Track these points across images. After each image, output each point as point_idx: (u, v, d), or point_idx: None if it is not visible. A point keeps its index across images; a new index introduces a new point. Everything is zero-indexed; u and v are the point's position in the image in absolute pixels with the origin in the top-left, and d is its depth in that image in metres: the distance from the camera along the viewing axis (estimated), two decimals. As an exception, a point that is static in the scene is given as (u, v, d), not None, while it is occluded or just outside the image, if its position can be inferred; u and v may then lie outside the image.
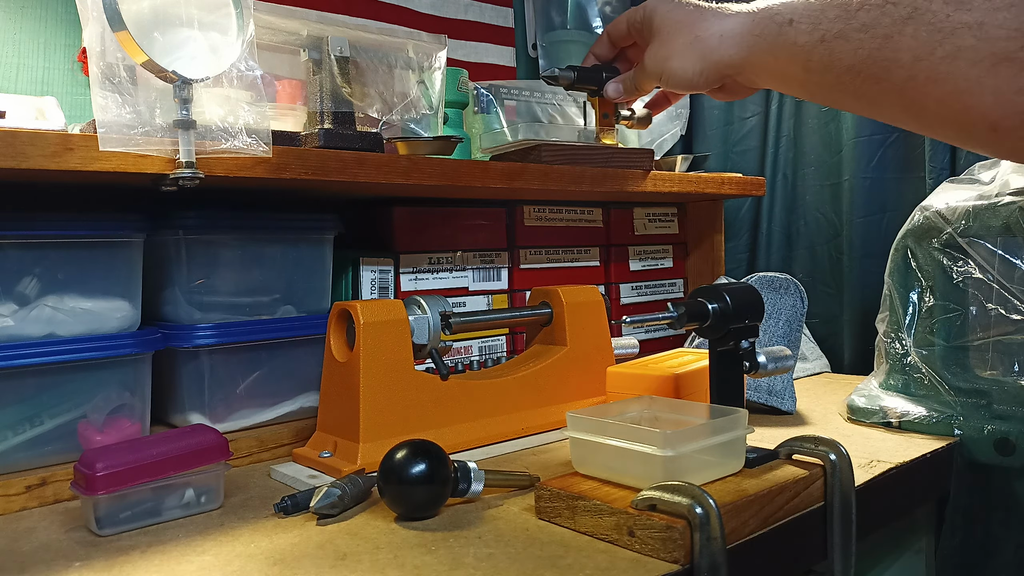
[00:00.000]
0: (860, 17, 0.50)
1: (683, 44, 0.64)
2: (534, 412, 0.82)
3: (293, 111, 0.84)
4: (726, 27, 0.61)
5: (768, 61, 0.58)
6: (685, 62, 0.64)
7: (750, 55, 0.60)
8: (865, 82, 0.51)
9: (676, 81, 0.65)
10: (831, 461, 0.60)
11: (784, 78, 0.58)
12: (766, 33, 0.58)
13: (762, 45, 0.58)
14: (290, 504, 0.61)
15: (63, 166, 0.60)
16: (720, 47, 0.61)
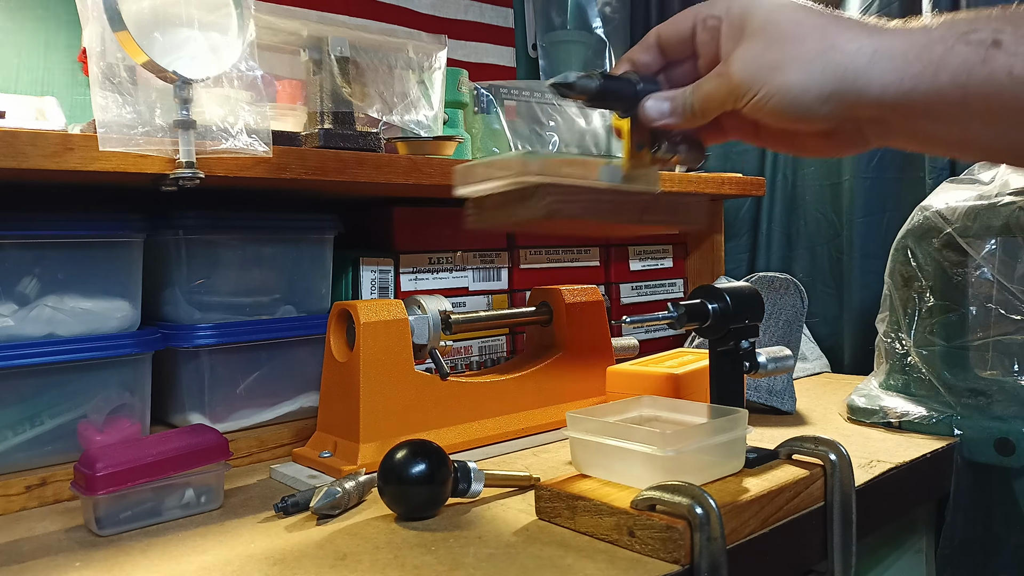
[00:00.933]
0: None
1: (808, 52, 0.44)
2: (534, 412, 0.82)
3: (293, 111, 0.84)
4: (883, 43, 0.42)
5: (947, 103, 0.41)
6: (806, 76, 0.44)
7: (917, 89, 0.41)
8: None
9: (781, 103, 0.45)
10: (831, 461, 0.60)
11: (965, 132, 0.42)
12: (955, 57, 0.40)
13: (945, 75, 0.40)
14: (290, 504, 0.61)
15: (63, 166, 0.60)
16: (870, 69, 0.42)
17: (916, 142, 0.46)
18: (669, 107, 0.52)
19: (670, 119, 0.52)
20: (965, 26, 0.40)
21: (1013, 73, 0.38)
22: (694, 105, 0.50)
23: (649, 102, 0.52)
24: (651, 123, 0.52)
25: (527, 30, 1.53)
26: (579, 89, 0.52)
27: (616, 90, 0.53)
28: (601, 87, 0.52)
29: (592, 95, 0.52)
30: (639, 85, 0.53)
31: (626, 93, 0.53)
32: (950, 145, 0.45)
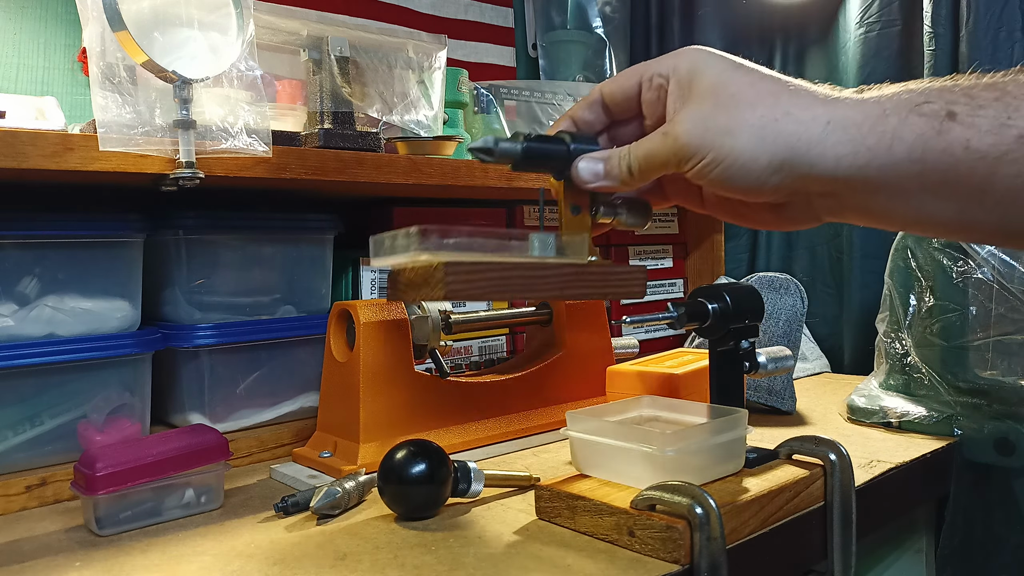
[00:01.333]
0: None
1: (760, 118, 0.42)
2: (534, 412, 0.82)
3: (293, 111, 0.84)
4: (837, 113, 0.41)
5: (903, 178, 0.39)
6: (757, 144, 0.41)
7: (872, 164, 0.39)
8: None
9: (728, 170, 0.42)
10: (831, 461, 0.60)
11: (922, 209, 0.40)
12: (909, 130, 0.38)
13: (900, 148, 0.38)
14: (290, 504, 0.61)
15: (63, 166, 0.60)
16: (824, 139, 0.40)
17: (871, 218, 0.44)
18: (603, 168, 0.48)
19: (604, 181, 0.48)
20: (919, 97, 0.39)
21: (969, 146, 0.37)
22: (632, 166, 0.47)
23: (582, 163, 0.48)
24: (584, 186, 0.48)
25: (527, 30, 1.53)
26: (501, 154, 0.47)
27: (545, 152, 0.49)
28: (527, 150, 0.47)
29: (518, 160, 0.48)
30: (571, 145, 0.49)
31: (557, 154, 0.49)
32: (907, 222, 0.43)
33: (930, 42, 1.09)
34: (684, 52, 0.47)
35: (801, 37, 1.34)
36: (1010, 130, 0.36)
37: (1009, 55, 1.03)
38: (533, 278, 0.47)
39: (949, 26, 1.08)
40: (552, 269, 0.48)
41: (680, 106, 0.45)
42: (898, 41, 1.17)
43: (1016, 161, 0.36)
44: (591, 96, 0.51)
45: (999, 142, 0.37)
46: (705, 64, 0.45)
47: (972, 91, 0.38)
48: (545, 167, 0.50)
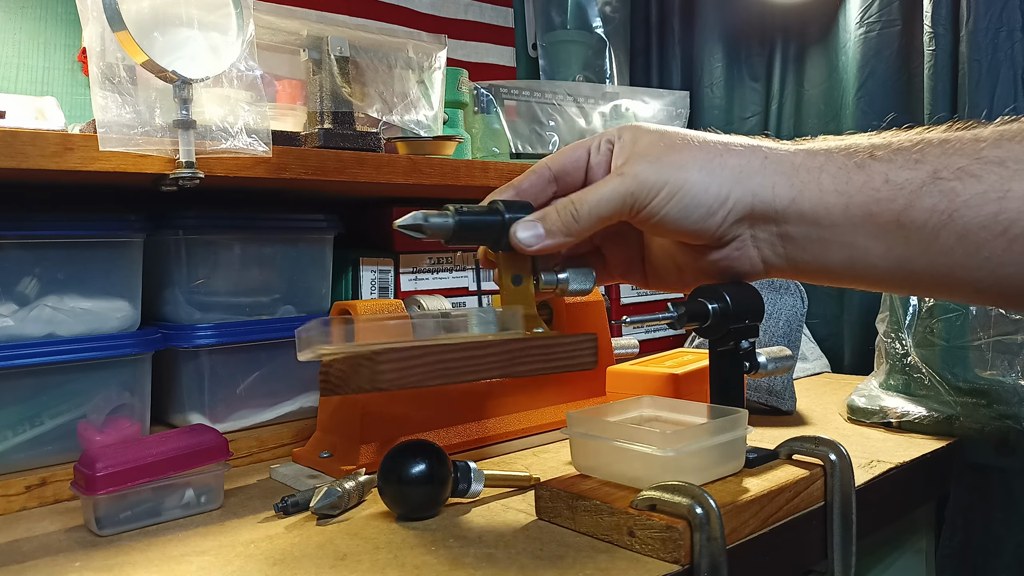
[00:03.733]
0: (991, 152, 0.38)
1: (707, 155, 0.45)
2: (534, 412, 0.82)
3: (293, 111, 0.84)
4: (771, 154, 0.45)
5: (832, 211, 0.42)
6: (707, 176, 0.44)
7: (803, 195, 0.43)
8: (1013, 243, 0.38)
9: (681, 202, 0.44)
10: (831, 461, 0.60)
11: (853, 248, 0.43)
12: (835, 165, 0.43)
13: (827, 180, 0.43)
14: (290, 504, 0.61)
15: (63, 166, 0.60)
16: (764, 170, 0.45)
17: (809, 263, 0.45)
18: (543, 227, 0.46)
19: (547, 241, 0.46)
20: (844, 144, 0.44)
21: (888, 179, 0.41)
22: (577, 212, 0.45)
23: (519, 227, 0.46)
24: (525, 250, 0.46)
25: (527, 30, 1.53)
26: (433, 230, 0.45)
27: (479, 224, 0.46)
28: (460, 224, 0.46)
29: (450, 234, 0.46)
30: (506, 214, 0.47)
31: (491, 224, 0.47)
32: (844, 269, 0.44)
33: (930, 42, 1.09)
34: (623, 126, 0.50)
35: (801, 37, 1.34)
36: (924, 166, 0.40)
37: (1009, 55, 1.03)
38: (475, 359, 0.44)
39: (949, 26, 1.08)
40: (495, 347, 0.44)
41: (627, 159, 0.47)
42: (898, 41, 1.17)
43: (931, 194, 0.40)
44: (536, 169, 0.51)
45: (914, 177, 0.40)
46: (644, 128, 0.49)
47: (892, 139, 0.43)
48: (481, 239, 0.48)
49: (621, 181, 0.45)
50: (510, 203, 0.48)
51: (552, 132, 1.14)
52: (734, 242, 0.47)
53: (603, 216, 0.45)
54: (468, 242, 0.48)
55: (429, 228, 0.45)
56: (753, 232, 0.47)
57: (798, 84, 1.34)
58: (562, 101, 1.15)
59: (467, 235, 0.46)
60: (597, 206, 0.45)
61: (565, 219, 0.46)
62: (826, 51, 1.30)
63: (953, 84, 1.09)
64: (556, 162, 0.50)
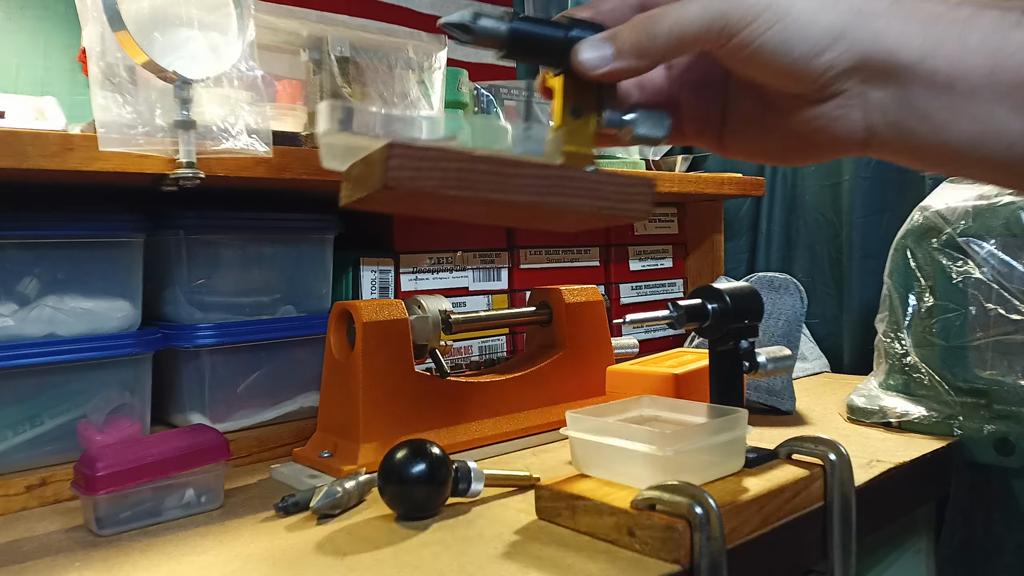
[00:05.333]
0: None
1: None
2: (534, 412, 0.82)
3: (293, 111, 0.84)
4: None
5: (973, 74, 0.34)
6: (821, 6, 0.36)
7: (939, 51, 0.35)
8: None
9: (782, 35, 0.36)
10: (831, 461, 0.60)
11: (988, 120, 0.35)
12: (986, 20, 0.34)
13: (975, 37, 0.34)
14: (290, 504, 0.61)
15: (63, 166, 0.60)
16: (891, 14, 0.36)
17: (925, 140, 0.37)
18: (613, 48, 0.39)
19: (616, 63, 0.38)
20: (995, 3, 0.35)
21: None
22: (654, 31, 0.37)
23: (585, 45, 0.39)
24: (590, 73, 0.39)
25: (527, 30, 1.53)
26: (482, 34, 0.38)
27: (538, 35, 0.39)
28: (515, 32, 0.38)
29: (503, 41, 0.38)
30: (572, 30, 0.40)
31: (551, 39, 0.39)
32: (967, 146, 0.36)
33: (930, 42, 1.08)
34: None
35: (801, 37, 1.33)
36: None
37: (1009, 55, 1.03)
38: (505, 176, 0.37)
39: (949, 26, 1.08)
40: (532, 168, 0.38)
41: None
42: (898, 41, 1.17)
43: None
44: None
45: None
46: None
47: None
48: (538, 55, 0.40)
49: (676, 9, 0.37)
50: (577, 19, 0.40)
51: (552, 132, 1.14)
52: (838, 98, 0.38)
53: (685, 38, 0.37)
54: (523, 58, 0.40)
55: (478, 31, 0.38)
56: (864, 88, 0.37)
57: (798, 84, 1.34)
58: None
59: (522, 48, 0.39)
60: (679, 24, 0.37)
61: (639, 37, 0.38)
62: (826, 51, 1.30)
63: (953, 84, 1.09)
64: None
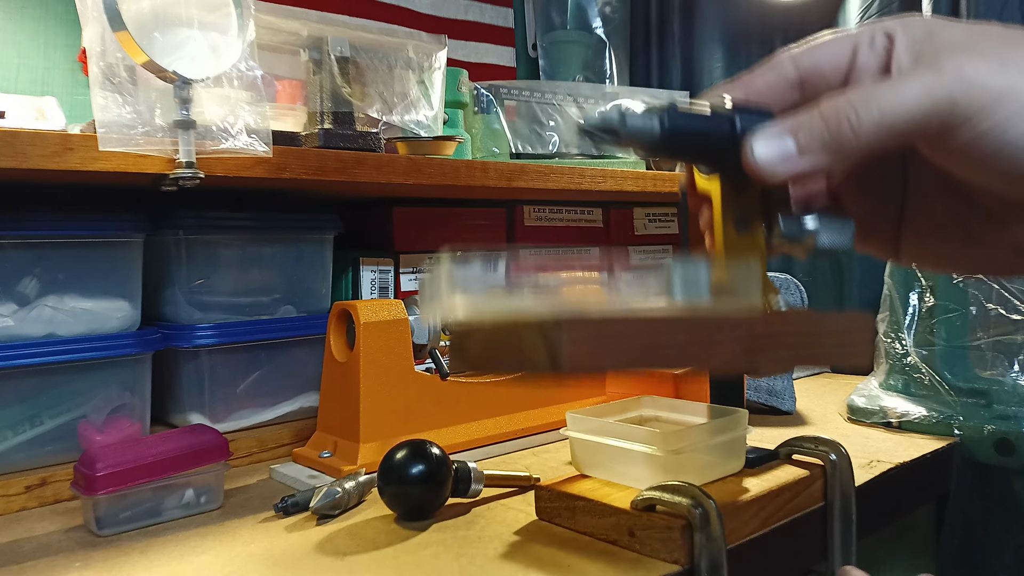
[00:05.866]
0: None
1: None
2: (534, 412, 0.82)
3: (293, 111, 0.84)
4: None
5: None
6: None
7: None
8: None
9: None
10: (831, 461, 0.60)
11: None
12: None
13: None
14: (290, 504, 0.61)
15: (63, 166, 0.60)
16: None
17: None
18: (795, 144, 0.31)
19: (802, 162, 0.31)
20: None
21: None
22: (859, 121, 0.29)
23: (760, 141, 0.31)
24: (768, 176, 0.31)
25: (527, 30, 1.53)
26: (632, 135, 0.31)
27: (695, 131, 0.32)
28: (671, 129, 0.32)
29: (655, 142, 0.32)
30: (737, 118, 0.32)
31: (714, 132, 0.32)
32: None
33: (930, 42, 1.09)
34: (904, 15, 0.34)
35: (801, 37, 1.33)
36: None
37: (1009, 55, 1.03)
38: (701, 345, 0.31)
39: (949, 26, 1.08)
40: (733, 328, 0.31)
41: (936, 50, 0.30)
42: (898, 41, 1.17)
43: None
44: (775, 64, 0.35)
45: None
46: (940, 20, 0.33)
47: None
48: (696, 153, 0.34)
49: (936, 78, 0.29)
50: (741, 104, 0.33)
51: (552, 132, 1.14)
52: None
53: (898, 129, 0.29)
54: (677, 156, 0.34)
55: (627, 131, 0.31)
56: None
57: (798, 84, 1.34)
58: (562, 101, 1.15)
59: (678, 146, 0.32)
60: (893, 112, 0.29)
61: (835, 129, 0.30)
62: (826, 51, 1.30)
63: (953, 84, 1.09)
64: (806, 58, 0.35)
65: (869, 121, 0.29)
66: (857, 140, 0.30)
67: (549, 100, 1.14)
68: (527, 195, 0.99)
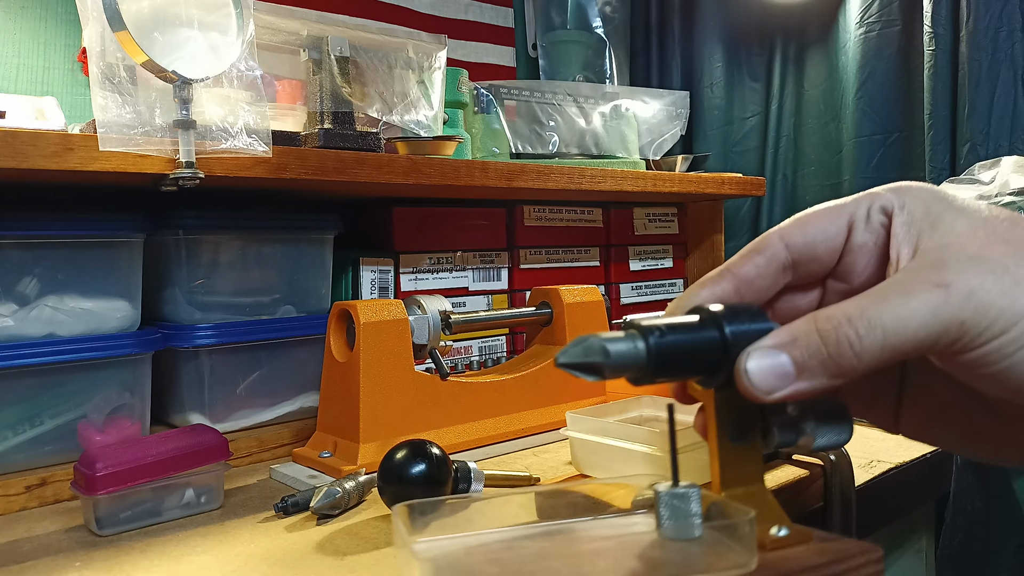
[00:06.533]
0: None
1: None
2: (534, 412, 0.82)
3: (293, 111, 0.84)
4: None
5: None
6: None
7: None
8: None
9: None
10: (831, 461, 0.60)
11: None
12: None
13: None
14: (290, 504, 0.61)
15: (63, 166, 0.60)
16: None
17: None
18: (793, 363, 0.29)
19: (801, 384, 0.29)
20: None
21: None
22: (862, 342, 0.28)
23: (753, 363, 0.29)
24: (764, 398, 0.29)
25: (527, 30, 1.53)
26: (618, 366, 0.29)
27: (685, 349, 0.30)
28: (658, 354, 0.29)
29: (642, 368, 0.30)
30: (727, 329, 0.30)
31: (704, 348, 0.30)
32: None
33: (930, 42, 1.09)
34: (902, 186, 0.32)
35: (801, 37, 1.34)
36: None
37: (1009, 55, 1.03)
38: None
39: (949, 26, 1.08)
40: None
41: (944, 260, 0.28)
42: (898, 41, 1.17)
43: None
44: (763, 247, 0.33)
45: None
46: (943, 196, 0.31)
47: None
48: (689, 371, 0.31)
49: (944, 299, 0.27)
50: (730, 310, 0.31)
51: (552, 132, 1.14)
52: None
53: (902, 350, 0.28)
54: (670, 377, 0.31)
55: (611, 364, 0.29)
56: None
57: (798, 84, 1.34)
58: (562, 101, 1.15)
59: (668, 368, 0.30)
60: (898, 334, 0.27)
61: (835, 350, 0.28)
62: (826, 51, 1.30)
63: (953, 84, 1.09)
64: (797, 237, 0.33)
65: (872, 344, 0.28)
66: (859, 362, 0.28)
67: (549, 100, 1.14)
68: (527, 195, 0.99)
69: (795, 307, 0.35)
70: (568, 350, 0.29)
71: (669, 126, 1.27)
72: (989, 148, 1.04)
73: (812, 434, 0.32)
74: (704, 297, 0.33)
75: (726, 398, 0.32)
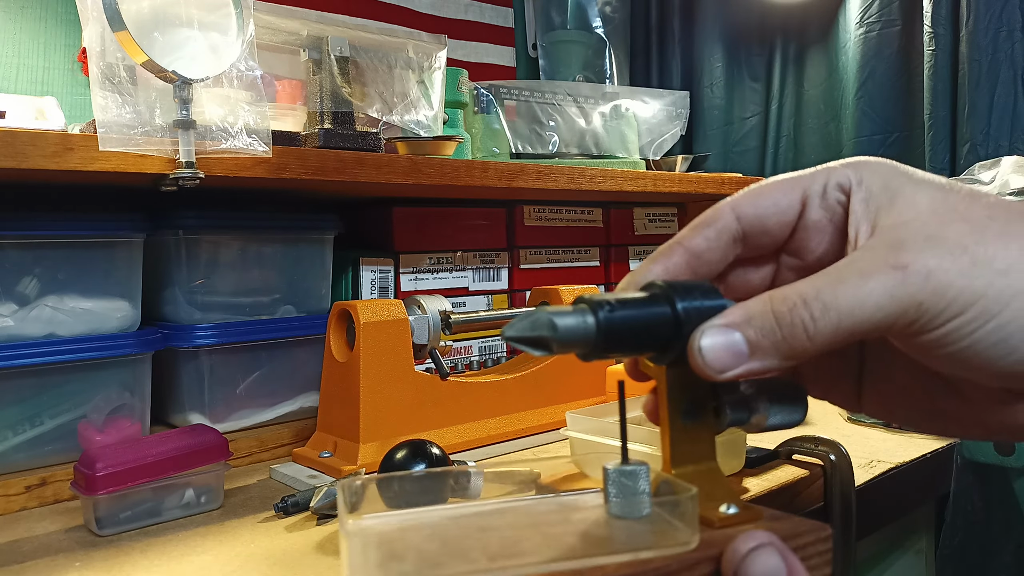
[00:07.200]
0: None
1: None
2: (534, 412, 0.82)
3: (293, 111, 0.84)
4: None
5: None
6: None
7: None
8: None
9: (1007, 328, 0.26)
10: (831, 461, 0.60)
11: None
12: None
13: None
14: (290, 504, 0.61)
15: (63, 166, 0.60)
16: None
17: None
18: (746, 342, 0.28)
19: (753, 363, 0.28)
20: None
21: None
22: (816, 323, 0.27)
23: (707, 340, 0.28)
24: (717, 377, 0.29)
25: (527, 30, 1.53)
26: (566, 340, 0.28)
27: (635, 326, 0.29)
28: (608, 328, 0.29)
29: (591, 343, 0.29)
30: (679, 306, 0.29)
31: (655, 324, 0.29)
32: None
33: (930, 42, 1.09)
34: (860, 161, 0.32)
35: (801, 37, 1.34)
36: None
37: (1009, 55, 1.03)
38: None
39: (949, 26, 1.08)
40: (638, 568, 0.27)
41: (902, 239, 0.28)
42: (898, 41, 1.17)
43: None
44: (714, 218, 0.33)
45: None
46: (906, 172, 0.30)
47: None
48: (640, 347, 0.31)
49: (900, 281, 0.27)
50: (681, 286, 0.30)
51: (552, 132, 1.14)
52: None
53: (857, 331, 0.27)
54: (621, 353, 0.30)
55: (559, 338, 0.28)
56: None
57: (798, 84, 1.34)
58: (562, 101, 1.15)
59: (618, 343, 0.29)
60: (852, 316, 0.27)
61: (789, 331, 0.28)
62: (826, 51, 1.30)
63: (953, 84, 1.09)
64: (748, 209, 0.33)
65: (826, 325, 0.27)
66: (812, 343, 0.27)
67: (549, 100, 1.14)
68: (527, 195, 0.99)
69: (747, 282, 0.34)
70: (515, 323, 0.28)
71: (669, 126, 1.27)
72: (989, 148, 1.04)
73: (765, 413, 0.32)
74: (656, 272, 0.32)
75: (678, 375, 0.31)
